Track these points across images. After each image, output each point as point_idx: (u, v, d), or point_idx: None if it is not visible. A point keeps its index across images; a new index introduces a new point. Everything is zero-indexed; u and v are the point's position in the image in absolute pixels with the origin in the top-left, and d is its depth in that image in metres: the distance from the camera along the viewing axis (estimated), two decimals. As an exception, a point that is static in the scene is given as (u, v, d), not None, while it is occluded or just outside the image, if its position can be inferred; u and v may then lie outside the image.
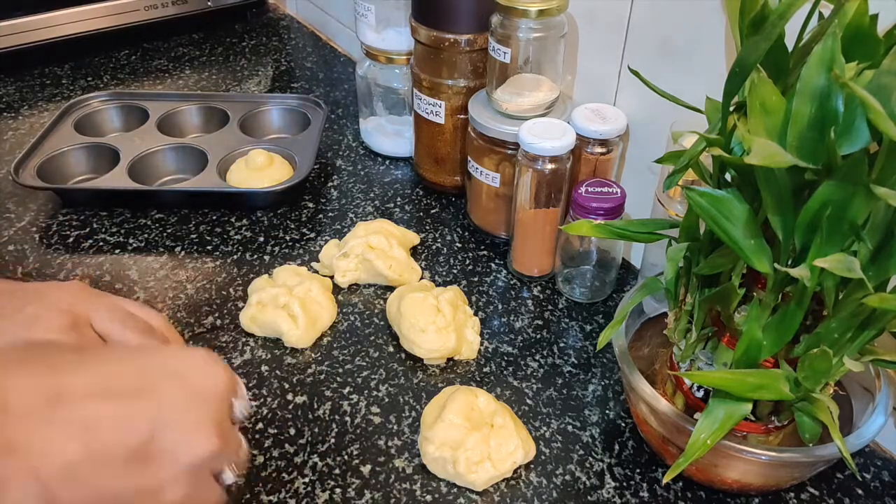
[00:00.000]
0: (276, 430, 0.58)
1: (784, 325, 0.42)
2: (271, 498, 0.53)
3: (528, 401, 0.61)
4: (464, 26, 0.72)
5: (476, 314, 0.68)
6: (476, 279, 0.73)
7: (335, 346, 0.65)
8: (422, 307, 0.63)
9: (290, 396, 0.61)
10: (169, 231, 0.78)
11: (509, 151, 0.70)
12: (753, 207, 0.41)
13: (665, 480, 0.48)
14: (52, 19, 1.05)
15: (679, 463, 0.44)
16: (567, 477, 0.55)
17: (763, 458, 0.47)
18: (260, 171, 0.80)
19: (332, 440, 0.57)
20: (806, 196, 0.38)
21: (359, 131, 0.95)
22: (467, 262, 0.76)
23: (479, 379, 0.63)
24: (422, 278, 0.72)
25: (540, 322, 0.69)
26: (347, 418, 0.59)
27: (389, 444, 0.57)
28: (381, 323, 0.68)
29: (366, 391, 0.61)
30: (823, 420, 0.44)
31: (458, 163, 0.82)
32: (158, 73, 1.10)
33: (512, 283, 0.73)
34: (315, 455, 0.56)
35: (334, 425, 0.58)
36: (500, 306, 0.70)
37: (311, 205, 0.83)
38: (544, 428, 0.58)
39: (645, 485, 0.54)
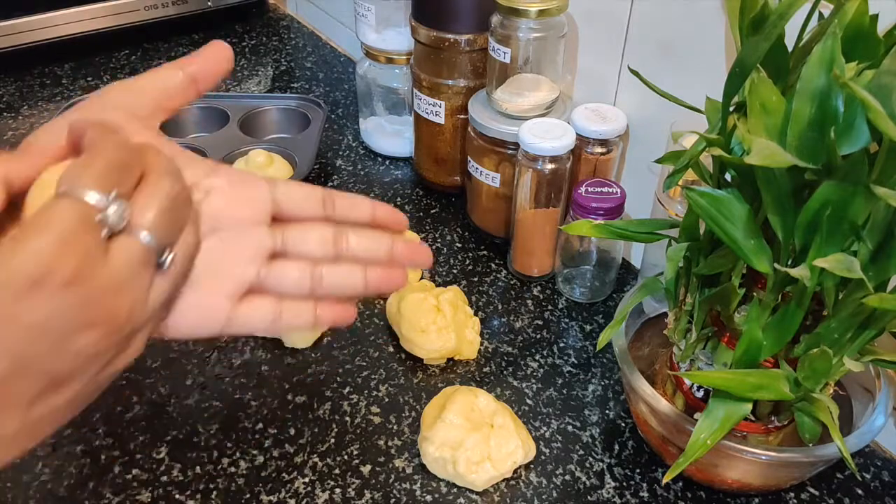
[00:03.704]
0: (275, 430, 0.58)
1: (784, 325, 0.42)
2: (271, 498, 0.53)
3: (528, 401, 0.61)
4: (464, 26, 0.72)
5: (476, 314, 0.68)
6: (476, 279, 0.73)
7: (335, 346, 0.65)
8: (422, 307, 0.63)
9: (290, 396, 0.61)
10: (169, 231, 0.78)
11: (509, 151, 0.70)
12: (753, 207, 0.41)
13: (665, 480, 0.48)
14: (52, 19, 1.05)
15: (679, 463, 0.44)
16: (567, 477, 0.55)
17: (763, 458, 0.47)
18: (260, 171, 0.80)
19: (332, 440, 0.57)
20: (806, 196, 0.38)
21: (359, 131, 0.95)
22: (467, 262, 0.76)
23: (479, 379, 0.63)
24: (422, 278, 0.72)
25: (540, 322, 0.69)
26: (347, 418, 0.59)
27: (389, 444, 0.57)
28: (381, 323, 0.68)
29: (366, 391, 0.61)
30: (823, 420, 0.44)
31: (458, 163, 0.82)
32: (158, 73, 1.10)
33: (512, 283, 0.73)
34: (315, 455, 0.56)
35: (334, 425, 0.58)
36: (500, 306, 0.70)
37: (311, 205, 0.83)
38: (544, 428, 0.58)
39: (645, 485, 0.54)
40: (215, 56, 0.36)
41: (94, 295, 0.27)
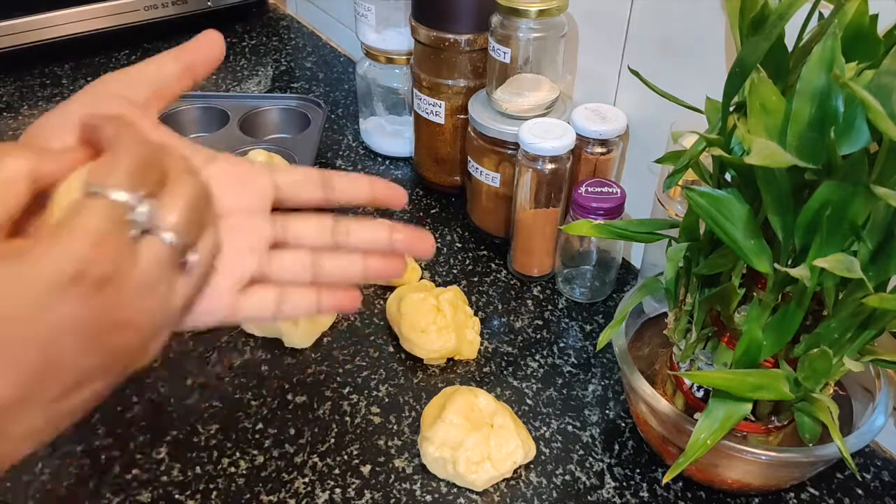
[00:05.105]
0: (275, 430, 0.58)
1: (784, 325, 0.42)
2: (271, 498, 0.53)
3: (528, 401, 0.61)
4: (464, 26, 0.72)
5: (476, 314, 0.68)
6: (476, 279, 0.73)
7: (335, 346, 0.65)
8: (422, 307, 0.63)
9: (290, 396, 0.61)
10: (169, 231, 0.78)
11: (509, 151, 0.70)
12: (753, 207, 0.41)
13: (665, 480, 0.48)
14: (52, 19, 1.05)
15: (679, 463, 0.44)
16: (567, 477, 0.55)
17: (763, 458, 0.47)
18: (260, 171, 0.80)
19: (332, 440, 0.57)
20: (806, 196, 0.38)
21: (359, 131, 0.95)
22: (467, 262, 0.76)
23: (479, 379, 0.63)
24: (422, 278, 0.72)
25: (540, 322, 0.69)
26: (347, 418, 0.59)
27: (389, 444, 0.57)
28: (381, 323, 0.68)
29: (366, 391, 0.61)
30: (823, 420, 0.44)
31: (458, 163, 0.82)
32: (158, 73, 1.10)
33: (512, 283, 0.73)
34: (315, 455, 0.56)
35: (334, 425, 0.58)
36: (500, 306, 0.70)
37: (311, 205, 0.83)
38: (544, 428, 0.58)
39: (645, 485, 0.54)
40: (208, 44, 0.36)
41: (124, 294, 0.27)
